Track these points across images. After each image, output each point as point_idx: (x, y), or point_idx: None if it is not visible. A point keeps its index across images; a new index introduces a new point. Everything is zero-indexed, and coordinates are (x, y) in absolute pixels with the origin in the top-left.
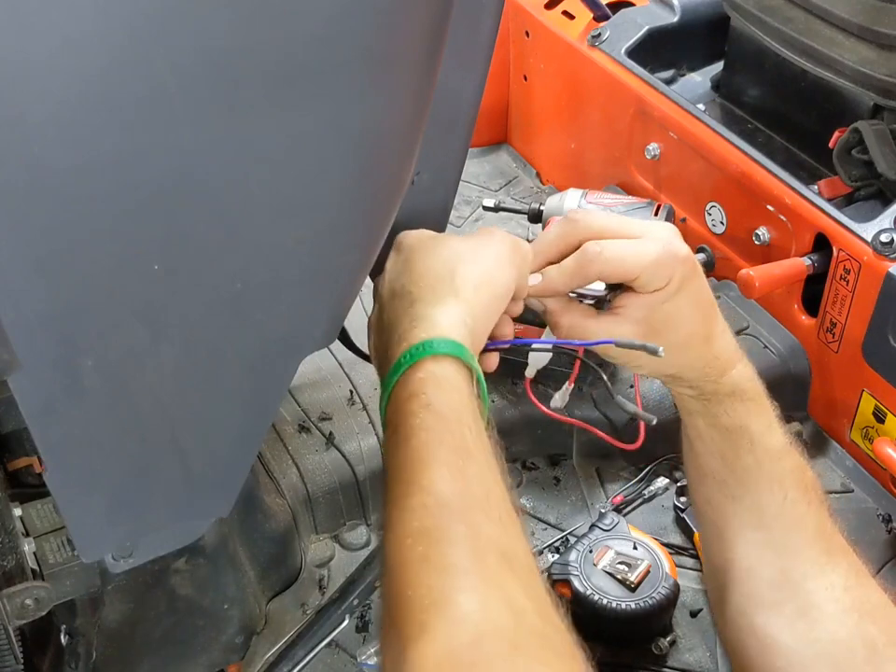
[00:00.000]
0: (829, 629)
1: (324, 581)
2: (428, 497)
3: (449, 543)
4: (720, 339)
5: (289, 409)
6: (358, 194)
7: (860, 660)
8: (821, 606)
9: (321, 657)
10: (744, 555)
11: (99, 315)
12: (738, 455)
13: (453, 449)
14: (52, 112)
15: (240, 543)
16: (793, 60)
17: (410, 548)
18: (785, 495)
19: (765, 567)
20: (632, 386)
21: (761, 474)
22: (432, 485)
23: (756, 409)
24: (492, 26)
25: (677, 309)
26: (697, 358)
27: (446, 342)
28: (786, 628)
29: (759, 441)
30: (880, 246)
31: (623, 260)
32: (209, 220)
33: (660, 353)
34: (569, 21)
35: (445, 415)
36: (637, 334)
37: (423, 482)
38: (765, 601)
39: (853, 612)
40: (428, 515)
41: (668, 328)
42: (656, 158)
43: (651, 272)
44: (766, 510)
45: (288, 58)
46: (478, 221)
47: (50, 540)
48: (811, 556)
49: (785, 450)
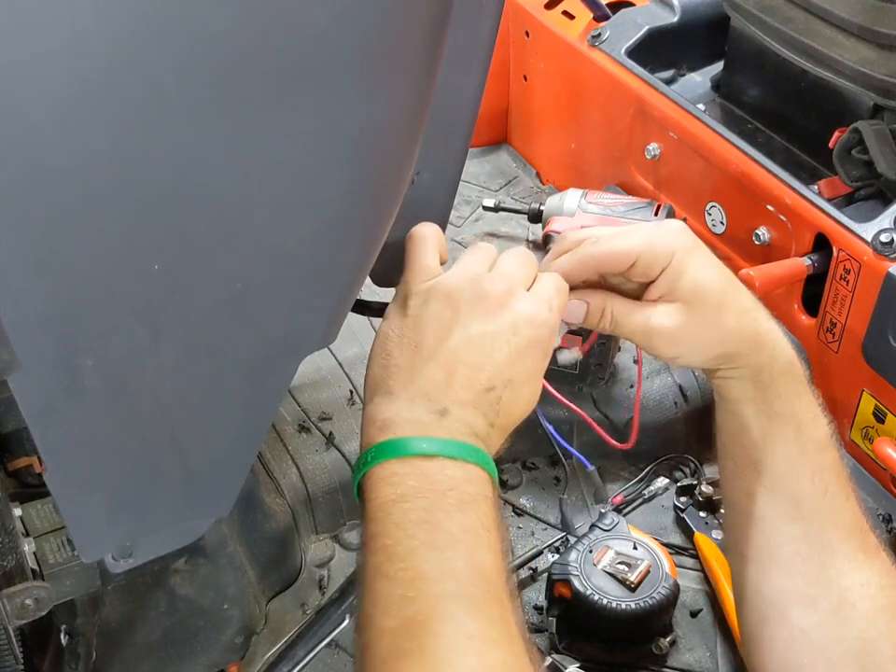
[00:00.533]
0: (859, 627)
1: (324, 581)
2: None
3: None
4: (755, 309)
5: (289, 409)
6: (358, 194)
7: (885, 658)
8: (855, 603)
9: (321, 657)
10: (781, 549)
11: (99, 314)
12: (785, 444)
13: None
14: (52, 112)
15: (240, 543)
16: (793, 60)
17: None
18: (826, 488)
19: (802, 562)
20: (632, 386)
21: (803, 465)
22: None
23: (805, 395)
24: (492, 26)
25: (697, 277)
26: (739, 325)
27: (487, 457)
28: (818, 624)
29: (805, 430)
30: (880, 246)
31: (617, 247)
32: (209, 220)
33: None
34: (569, 21)
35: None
36: (675, 313)
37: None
38: (801, 596)
39: (886, 612)
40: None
41: (699, 298)
42: (656, 158)
43: (649, 251)
44: (806, 502)
45: (288, 58)
46: (478, 221)
47: (50, 540)
48: (847, 552)
49: (828, 441)
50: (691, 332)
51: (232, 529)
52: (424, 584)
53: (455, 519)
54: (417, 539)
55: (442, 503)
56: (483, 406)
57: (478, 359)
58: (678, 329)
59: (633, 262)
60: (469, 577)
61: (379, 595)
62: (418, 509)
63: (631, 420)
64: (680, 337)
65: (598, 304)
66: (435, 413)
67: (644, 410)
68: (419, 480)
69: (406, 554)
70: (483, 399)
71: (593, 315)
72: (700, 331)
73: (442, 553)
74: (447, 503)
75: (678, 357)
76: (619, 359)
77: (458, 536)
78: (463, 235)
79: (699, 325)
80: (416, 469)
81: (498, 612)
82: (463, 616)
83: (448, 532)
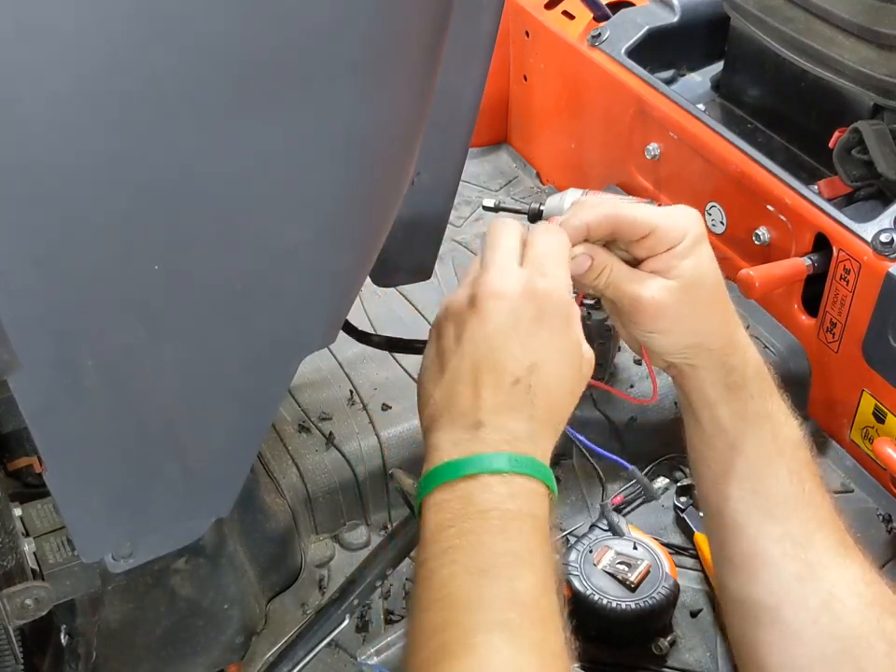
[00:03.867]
0: (851, 623)
1: (324, 581)
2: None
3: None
4: (735, 315)
5: (289, 409)
6: (358, 194)
7: (879, 654)
8: (844, 599)
9: (321, 657)
10: (766, 550)
11: (99, 314)
12: (762, 445)
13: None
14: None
15: (240, 543)
16: (793, 60)
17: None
18: (804, 486)
19: (789, 561)
20: (632, 386)
21: (781, 465)
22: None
23: (776, 396)
24: (492, 26)
25: (699, 265)
26: (723, 324)
27: (532, 462)
28: (811, 623)
29: (780, 430)
30: (880, 246)
31: (638, 214)
32: (209, 221)
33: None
34: (569, 21)
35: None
36: (669, 290)
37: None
38: (791, 595)
39: (875, 607)
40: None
41: (696, 284)
42: (656, 158)
43: (667, 226)
44: (787, 501)
45: (288, 58)
46: (478, 221)
47: (50, 540)
48: (830, 548)
49: (802, 441)
50: (676, 312)
51: (232, 529)
52: (456, 614)
53: (498, 541)
54: (458, 565)
55: (485, 525)
56: (517, 403)
57: (494, 359)
58: (666, 306)
59: (648, 233)
60: (505, 603)
61: (419, 623)
62: (461, 533)
63: (631, 420)
64: (665, 313)
65: (602, 261)
66: (470, 428)
67: (644, 410)
68: (462, 502)
69: (444, 582)
70: (513, 397)
71: (594, 270)
72: (685, 314)
73: (480, 580)
74: (491, 525)
75: (654, 332)
76: (619, 359)
77: (499, 560)
78: (463, 235)
79: (687, 308)
80: (460, 492)
81: (540, 635)
82: (500, 643)
83: (488, 556)
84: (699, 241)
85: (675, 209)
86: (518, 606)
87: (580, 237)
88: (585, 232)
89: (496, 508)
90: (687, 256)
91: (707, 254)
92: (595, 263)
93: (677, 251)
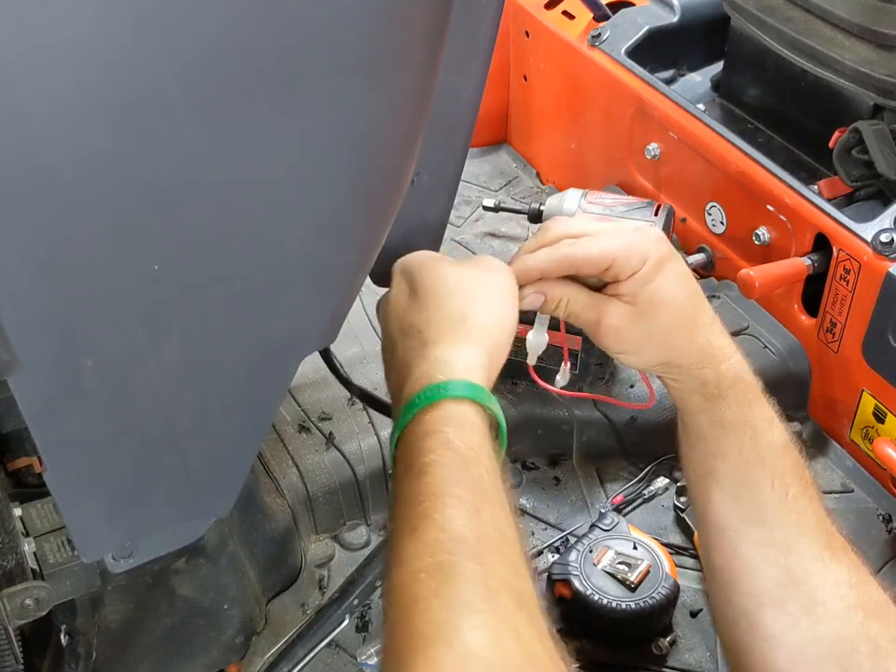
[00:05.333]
0: (834, 627)
1: (324, 581)
2: (443, 533)
3: (463, 580)
4: (711, 325)
5: (289, 409)
6: (359, 194)
7: (863, 658)
8: (826, 603)
9: (321, 657)
10: (747, 554)
11: (99, 315)
12: (741, 452)
13: (469, 488)
14: (53, 112)
15: (240, 543)
16: (793, 60)
17: (422, 582)
18: (787, 492)
19: (769, 565)
20: (632, 386)
21: (763, 470)
22: (447, 522)
23: (758, 403)
24: (492, 26)
25: (660, 289)
26: (690, 341)
27: (464, 384)
28: (791, 627)
29: (762, 437)
30: (880, 246)
31: (592, 251)
32: (209, 221)
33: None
34: (569, 21)
35: (463, 454)
36: (628, 315)
37: (437, 517)
38: (770, 599)
39: (858, 609)
40: (442, 551)
41: (656, 308)
42: (656, 158)
43: (624, 256)
44: (769, 506)
45: (288, 59)
46: (478, 221)
47: (50, 540)
48: (814, 552)
49: (787, 445)
50: (636, 335)
51: (232, 529)
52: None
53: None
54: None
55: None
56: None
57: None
58: (624, 329)
59: (607, 267)
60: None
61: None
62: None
63: (631, 419)
64: (625, 337)
65: (555, 296)
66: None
67: (644, 410)
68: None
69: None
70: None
71: (549, 304)
72: (646, 336)
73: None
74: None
75: (621, 353)
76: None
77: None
78: (463, 235)
79: (645, 333)
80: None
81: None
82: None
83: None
84: (662, 263)
85: (636, 235)
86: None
87: (533, 278)
88: (538, 275)
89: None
90: (649, 280)
91: (672, 274)
92: (549, 298)
93: (638, 277)
